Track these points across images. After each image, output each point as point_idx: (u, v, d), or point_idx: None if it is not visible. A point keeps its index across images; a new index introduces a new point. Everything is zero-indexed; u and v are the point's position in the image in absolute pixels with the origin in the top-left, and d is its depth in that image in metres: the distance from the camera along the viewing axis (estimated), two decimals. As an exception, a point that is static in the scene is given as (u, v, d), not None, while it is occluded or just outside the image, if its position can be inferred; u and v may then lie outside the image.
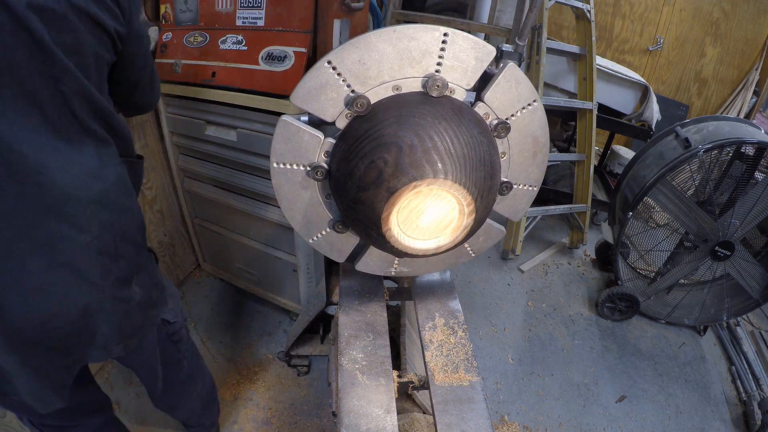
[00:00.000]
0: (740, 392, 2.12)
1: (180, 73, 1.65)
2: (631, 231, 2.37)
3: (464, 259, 0.87)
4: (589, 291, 2.66)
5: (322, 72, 0.57)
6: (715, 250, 2.13)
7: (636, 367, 2.21)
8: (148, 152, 1.96)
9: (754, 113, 3.65)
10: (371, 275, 0.91)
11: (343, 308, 0.88)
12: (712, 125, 2.13)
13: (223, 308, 2.27)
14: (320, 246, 0.76)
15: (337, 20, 1.43)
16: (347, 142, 0.58)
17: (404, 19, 2.51)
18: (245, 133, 1.61)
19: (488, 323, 2.35)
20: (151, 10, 1.75)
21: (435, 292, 0.94)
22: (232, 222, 2.00)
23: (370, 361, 0.77)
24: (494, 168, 0.62)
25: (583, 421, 1.92)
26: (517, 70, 0.64)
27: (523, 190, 0.76)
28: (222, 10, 1.54)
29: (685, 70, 3.85)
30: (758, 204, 1.99)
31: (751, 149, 2.01)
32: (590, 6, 2.55)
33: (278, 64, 1.43)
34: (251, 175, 1.75)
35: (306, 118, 0.68)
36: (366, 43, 0.56)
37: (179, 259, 2.33)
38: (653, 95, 2.85)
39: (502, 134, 0.66)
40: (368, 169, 0.54)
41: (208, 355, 2.02)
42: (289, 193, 0.66)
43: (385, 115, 0.56)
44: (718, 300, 2.37)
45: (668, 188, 2.06)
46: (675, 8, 3.63)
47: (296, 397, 1.87)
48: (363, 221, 0.60)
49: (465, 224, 0.62)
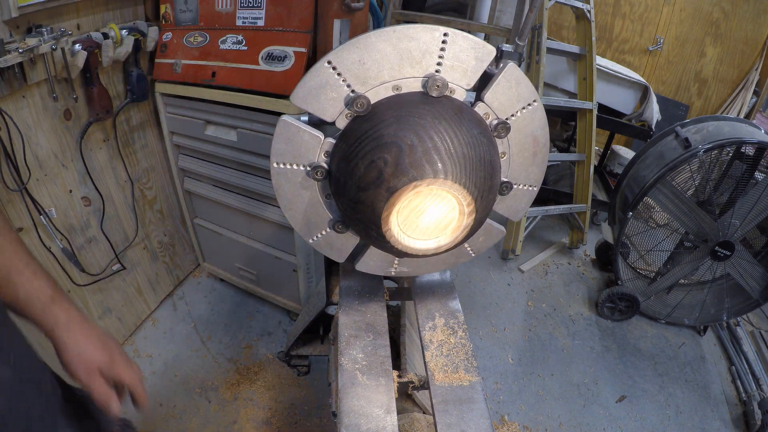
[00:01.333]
0: (740, 392, 2.12)
1: (180, 73, 1.65)
2: (631, 231, 2.37)
3: (464, 259, 0.87)
4: (589, 291, 2.66)
5: (322, 72, 0.57)
6: (715, 250, 2.13)
7: (636, 367, 2.21)
8: (148, 152, 1.97)
9: (754, 113, 3.65)
10: (371, 275, 0.91)
11: (343, 308, 0.88)
12: (712, 125, 2.13)
13: (222, 308, 2.27)
14: (320, 246, 0.76)
15: (337, 20, 1.43)
16: (347, 142, 0.58)
17: (404, 19, 2.51)
18: (245, 133, 1.61)
19: (488, 323, 2.35)
20: (151, 10, 1.75)
21: (435, 292, 0.94)
22: (232, 222, 2.00)
23: (370, 361, 0.77)
24: (494, 168, 0.62)
25: (583, 421, 1.92)
26: (517, 70, 0.64)
27: (523, 190, 0.76)
28: (222, 10, 1.54)
29: (685, 70, 3.84)
30: (758, 204, 1.99)
31: (751, 149, 2.00)
32: (590, 6, 2.55)
33: (278, 64, 1.43)
34: (251, 174, 1.75)
35: (306, 118, 0.68)
36: (366, 43, 0.56)
37: (179, 259, 2.33)
38: (653, 95, 2.85)
39: (502, 134, 0.66)
40: (368, 169, 0.54)
41: (208, 355, 2.02)
42: (289, 193, 0.66)
43: (385, 115, 0.56)
44: (718, 300, 2.37)
45: (668, 188, 2.06)
46: (675, 8, 3.63)
47: (296, 397, 1.87)
48: (363, 221, 0.60)
49: (465, 224, 0.62)
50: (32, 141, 1.43)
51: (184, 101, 1.72)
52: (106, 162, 1.76)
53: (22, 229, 1.46)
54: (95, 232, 1.77)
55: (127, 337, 2.04)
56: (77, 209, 1.67)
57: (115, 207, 1.85)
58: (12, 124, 1.32)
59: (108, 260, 1.85)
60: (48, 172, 1.52)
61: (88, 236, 1.74)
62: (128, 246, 1.94)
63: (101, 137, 1.71)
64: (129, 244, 1.94)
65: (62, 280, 1.65)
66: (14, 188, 1.38)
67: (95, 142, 1.69)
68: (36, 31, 1.30)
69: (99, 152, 1.72)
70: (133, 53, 1.63)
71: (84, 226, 1.71)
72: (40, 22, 1.33)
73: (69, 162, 1.59)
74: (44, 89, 1.43)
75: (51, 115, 1.48)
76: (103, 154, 1.74)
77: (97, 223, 1.76)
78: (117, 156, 1.79)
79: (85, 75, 1.50)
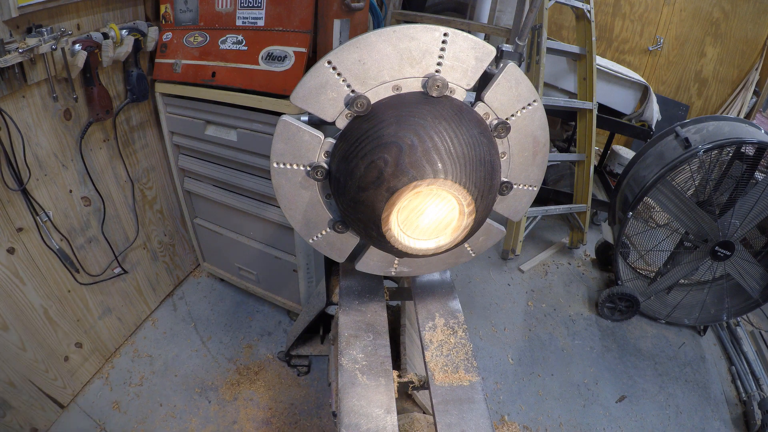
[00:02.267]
0: (740, 392, 2.12)
1: (180, 73, 1.65)
2: (631, 231, 2.37)
3: (464, 259, 0.87)
4: (589, 291, 2.66)
5: (322, 72, 0.57)
6: (715, 250, 2.12)
7: (636, 367, 2.21)
8: (148, 152, 1.97)
9: (754, 113, 3.65)
10: (371, 275, 0.91)
11: (344, 308, 0.88)
12: (712, 125, 2.13)
13: (222, 308, 2.27)
14: (320, 246, 0.76)
15: (337, 20, 1.43)
16: (347, 142, 0.58)
17: (404, 19, 2.51)
18: (245, 133, 1.61)
19: (488, 323, 2.35)
20: (151, 10, 1.75)
21: (435, 292, 0.94)
22: (232, 222, 2.00)
23: (370, 361, 0.77)
24: (494, 168, 0.62)
25: (583, 421, 1.92)
26: (518, 70, 0.64)
27: (523, 190, 0.76)
28: (222, 10, 1.54)
29: (685, 70, 3.84)
30: (758, 204, 1.99)
31: (751, 149, 2.00)
32: (590, 6, 2.55)
33: (278, 64, 1.43)
34: (251, 174, 1.75)
35: (306, 118, 0.68)
36: (366, 43, 0.56)
37: (179, 259, 2.33)
38: (653, 95, 2.85)
39: (502, 134, 0.66)
40: (368, 169, 0.54)
41: (208, 355, 2.02)
42: (289, 193, 0.66)
43: (385, 115, 0.56)
44: (718, 300, 2.37)
45: (668, 188, 2.06)
46: (675, 8, 3.63)
47: (296, 397, 1.87)
48: (363, 221, 0.60)
49: (465, 224, 0.62)
50: (32, 141, 1.43)
51: (184, 101, 1.72)
52: (106, 162, 1.76)
53: (22, 229, 1.46)
54: (95, 232, 1.77)
55: (127, 337, 2.04)
56: (77, 209, 1.67)
57: (115, 207, 1.85)
58: (12, 124, 1.32)
59: (108, 260, 1.85)
60: (48, 172, 1.52)
61: (88, 236, 1.74)
62: (128, 247, 1.94)
63: (101, 137, 1.71)
64: (129, 244, 1.94)
65: (63, 279, 1.65)
66: (14, 188, 1.38)
67: (95, 142, 1.69)
68: (36, 31, 1.30)
69: (99, 152, 1.72)
70: (133, 53, 1.63)
71: (84, 226, 1.71)
72: (40, 22, 1.33)
73: (69, 162, 1.59)
74: (44, 89, 1.43)
75: (51, 115, 1.48)
76: (103, 154, 1.74)
77: (97, 224, 1.76)
78: (117, 156, 1.79)
79: (85, 75, 1.50)
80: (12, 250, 1.45)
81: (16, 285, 1.49)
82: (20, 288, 1.50)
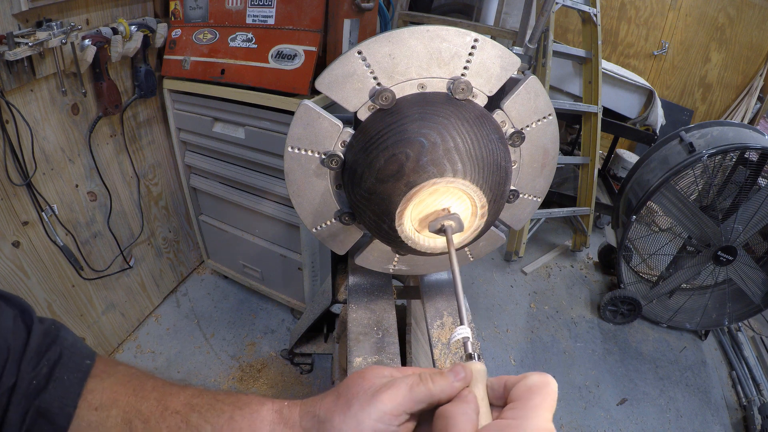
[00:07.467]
0: (740, 397, 2.12)
1: (188, 70, 1.66)
2: (634, 235, 2.37)
3: (462, 263, 0.87)
4: (592, 294, 2.67)
5: (352, 61, 0.57)
6: (717, 255, 2.13)
7: (637, 371, 2.21)
8: (155, 148, 1.97)
9: (758, 119, 3.65)
10: (380, 273, 0.91)
11: (352, 306, 0.88)
12: (716, 130, 2.13)
13: (226, 305, 2.27)
14: (322, 236, 0.76)
15: (348, 20, 1.43)
16: (367, 133, 0.58)
17: (411, 20, 2.52)
18: (253, 131, 1.62)
19: (491, 324, 2.36)
20: (160, 7, 1.75)
21: (443, 291, 0.94)
22: (237, 219, 2.00)
23: (380, 358, 0.78)
24: (508, 175, 0.62)
25: (584, 424, 1.92)
26: (538, 83, 0.64)
27: (527, 199, 0.76)
28: (232, 8, 1.54)
29: (690, 75, 3.85)
30: (761, 209, 1.99)
31: (755, 155, 2.01)
32: (597, 10, 2.56)
33: (288, 62, 1.43)
34: (258, 172, 1.75)
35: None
36: (398, 39, 0.56)
37: (183, 256, 2.34)
38: (658, 100, 2.86)
39: (517, 143, 0.67)
40: (389, 162, 0.54)
41: (211, 352, 2.02)
42: (301, 179, 0.66)
43: (410, 110, 0.56)
44: (720, 305, 2.37)
45: (672, 192, 2.06)
46: (680, 13, 3.63)
47: (299, 396, 1.87)
48: (377, 213, 0.59)
49: (476, 226, 0.62)
50: (39, 135, 1.44)
51: (192, 98, 1.72)
52: (112, 157, 1.76)
53: (28, 223, 1.47)
54: (101, 227, 1.77)
55: (130, 333, 2.05)
56: (83, 204, 1.67)
57: (120, 202, 1.85)
58: (20, 118, 1.32)
59: (113, 256, 1.85)
60: (54, 166, 1.52)
61: (94, 231, 1.74)
62: (133, 243, 1.95)
63: (108, 132, 1.72)
64: (134, 240, 1.95)
65: (68, 274, 1.65)
66: (19, 183, 1.39)
67: (102, 137, 1.70)
68: (46, 25, 1.30)
69: (105, 147, 1.72)
70: (142, 49, 1.63)
71: (90, 221, 1.71)
72: (49, 16, 1.34)
73: (76, 157, 1.60)
74: (53, 83, 1.43)
75: (59, 109, 1.48)
76: (110, 149, 1.74)
77: (102, 218, 1.77)
78: (123, 151, 1.80)
79: (94, 70, 1.50)
80: (17, 243, 1.45)
81: (21, 279, 1.49)
82: (25, 282, 1.50)
